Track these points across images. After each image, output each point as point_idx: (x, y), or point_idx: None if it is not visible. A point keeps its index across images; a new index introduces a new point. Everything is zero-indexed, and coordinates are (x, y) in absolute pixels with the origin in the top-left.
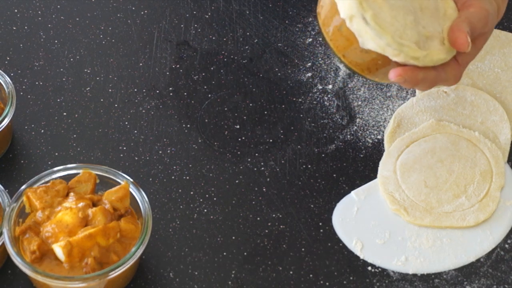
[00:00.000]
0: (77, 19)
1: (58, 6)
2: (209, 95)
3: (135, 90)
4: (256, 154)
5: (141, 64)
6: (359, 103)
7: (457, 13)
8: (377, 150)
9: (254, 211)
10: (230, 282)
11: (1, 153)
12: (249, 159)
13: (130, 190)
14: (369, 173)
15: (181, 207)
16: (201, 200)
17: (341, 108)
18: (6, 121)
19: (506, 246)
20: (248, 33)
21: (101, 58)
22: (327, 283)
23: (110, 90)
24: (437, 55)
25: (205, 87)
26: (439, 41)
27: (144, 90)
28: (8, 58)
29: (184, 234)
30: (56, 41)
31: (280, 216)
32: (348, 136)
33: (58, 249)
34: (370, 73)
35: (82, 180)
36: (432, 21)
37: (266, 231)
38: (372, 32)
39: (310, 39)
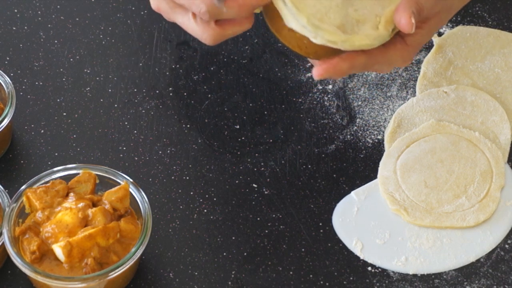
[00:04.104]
0: (77, 19)
1: (58, 6)
2: (209, 95)
3: (135, 90)
4: (256, 154)
5: (141, 64)
6: (359, 103)
7: None
8: (377, 150)
9: (254, 211)
10: (230, 283)
11: (1, 153)
12: (249, 159)
13: (130, 190)
14: (369, 173)
15: (181, 207)
16: (201, 200)
17: (341, 108)
18: (6, 121)
19: (506, 246)
20: (248, 33)
21: (101, 58)
22: (327, 284)
23: (110, 90)
24: (360, 41)
25: (205, 87)
26: (371, 25)
27: (144, 90)
28: (8, 58)
29: (184, 234)
30: (56, 41)
31: (280, 216)
32: (348, 136)
33: (58, 250)
34: (301, 51)
35: (82, 180)
36: (371, 3)
37: (266, 231)
38: (289, 13)
39: None
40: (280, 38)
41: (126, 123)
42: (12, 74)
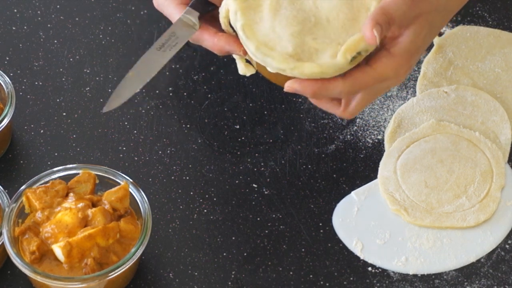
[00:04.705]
0: (77, 19)
1: (58, 6)
2: (209, 95)
3: None
4: (256, 154)
5: None
6: None
7: None
8: (377, 150)
9: (254, 211)
10: (230, 283)
11: (1, 153)
12: (249, 159)
13: (130, 190)
14: (369, 173)
15: (181, 207)
16: (201, 200)
17: None
18: (5, 121)
19: (507, 246)
20: None
21: (100, 58)
22: (327, 284)
23: (109, 90)
24: (310, 69)
25: (205, 87)
26: (331, 53)
27: (144, 90)
28: (7, 58)
29: (184, 234)
30: (55, 41)
31: (280, 216)
32: (348, 136)
33: (58, 250)
34: (272, 79)
35: (82, 180)
36: (337, 31)
37: (266, 231)
38: (242, 41)
39: None
40: (256, 67)
41: (126, 123)
42: (11, 74)
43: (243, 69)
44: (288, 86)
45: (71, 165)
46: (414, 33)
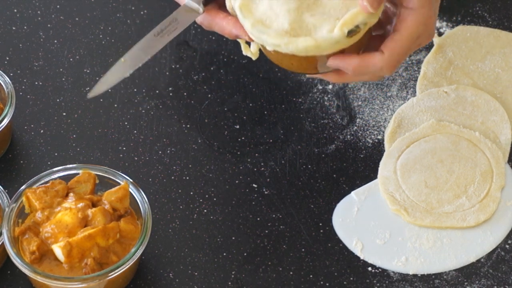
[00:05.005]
0: (77, 19)
1: (58, 6)
2: (209, 95)
3: (135, 90)
4: (256, 154)
5: (140, 64)
6: (359, 103)
7: None
8: (377, 150)
9: (254, 211)
10: (230, 283)
11: (1, 153)
12: (249, 159)
13: (130, 190)
14: (369, 174)
15: (181, 207)
16: (201, 200)
17: (341, 108)
18: (5, 121)
19: (507, 246)
20: None
21: (100, 58)
22: (327, 284)
23: (109, 90)
24: (304, 42)
25: (205, 87)
26: (329, 28)
27: (144, 90)
28: (7, 58)
29: (184, 234)
30: (55, 41)
31: (280, 216)
32: (348, 136)
33: (58, 250)
34: (275, 60)
35: (82, 180)
36: (337, 7)
37: (266, 231)
38: (240, 21)
39: None
40: (265, 52)
41: (126, 123)
42: (12, 74)
43: (247, 52)
44: (331, 62)
45: (71, 165)
46: (412, 8)
